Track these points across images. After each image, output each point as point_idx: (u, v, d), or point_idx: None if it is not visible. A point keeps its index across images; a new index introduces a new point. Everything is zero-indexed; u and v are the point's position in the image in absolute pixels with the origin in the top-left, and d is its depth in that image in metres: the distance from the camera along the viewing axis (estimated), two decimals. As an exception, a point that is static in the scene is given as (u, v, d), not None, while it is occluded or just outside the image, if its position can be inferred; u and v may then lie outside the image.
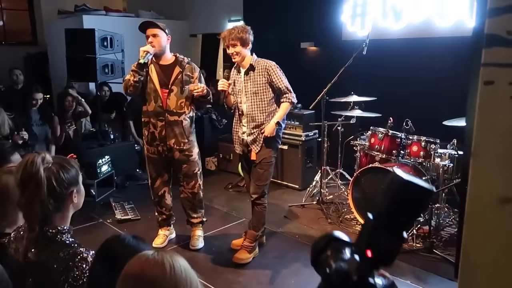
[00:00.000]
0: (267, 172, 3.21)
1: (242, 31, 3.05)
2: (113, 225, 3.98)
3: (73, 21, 6.39)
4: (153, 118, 3.30)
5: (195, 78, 3.30)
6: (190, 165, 3.41)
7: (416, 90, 4.62)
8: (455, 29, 4.46)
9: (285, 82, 3.13)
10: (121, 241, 1.34)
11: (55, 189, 1.45)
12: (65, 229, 1.55)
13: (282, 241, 3.66)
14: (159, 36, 3.20)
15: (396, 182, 0.77)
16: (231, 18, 7.04)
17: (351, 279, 0.78)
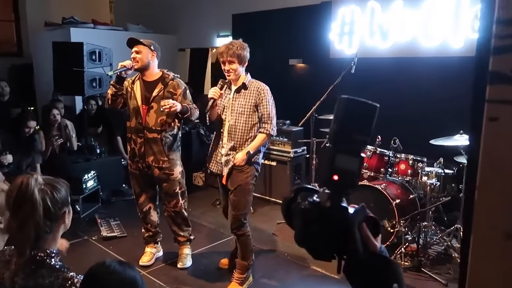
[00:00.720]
0: (243, 199, 2.97)
1: (241, 48, 2.91)
2: (99, 242, 3.90)
3: (61, 34, 6.33)
4: (134, 135, 3.28)
5: (178, 94, 3.22)
6: (171, 184, 3.34)
7: (403, 109, 4.70)
8: (440, 50, 4.57)
9: (270, 110, 2.96)
10: (107, 268, 1.31)
11: (50, 210, 1.43)
12: (54, 252, 1.51)
13: (271, 259, 3.63)
14: (141, 52, 3.19)
15: (341, 101, 0.85)
16: (219, 34, 7.08)
17: (325, 206, 0.83)
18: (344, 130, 0.84)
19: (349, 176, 0.84)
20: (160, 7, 7.87)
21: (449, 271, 3.32)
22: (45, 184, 1.45)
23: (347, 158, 0.84)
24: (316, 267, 3.49)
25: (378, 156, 3.89)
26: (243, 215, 3.02)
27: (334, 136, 0.86)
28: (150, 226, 3.53)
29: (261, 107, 2.95)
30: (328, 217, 0.82)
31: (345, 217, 0.83)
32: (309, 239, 0.85)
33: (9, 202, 1.42)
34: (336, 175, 0.83)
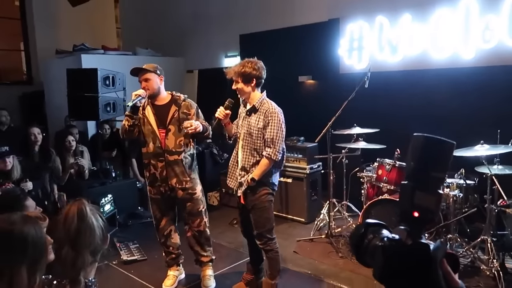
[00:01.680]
0: (261, 218, 2.97)
1: (244, 65, 2.87)
2: (119, 266, 3.86)
3: (72, 60, 6.43)
4: (153, 159, 3.27)
5: (192, 114, 3.25)
6: (194, 203, 3.35)
7: (420, 121, 4.69)
8: (451, 61, 4.59)
9: (275, 135, 2.87)
10: None
11: (104, 234, 1.43)
12: (92, 281, 1.50)
13: (295, 278, 3.58)
14: (151, 80, 3.20)
15: (418, 139, 0.88)
16: (227, 54, 7.17)
17: (406, 243, 0.84)
18: (422, 167, 0.87)
19: (428, 213, 0.87)
20: (167, 30, 7.99)
21: (479, 284, 3.26)
22: (93, 209, 1.46)
23: (426, 195, 0.86)
24: (342, 285, 3.43)
25: (397, 169, 3.88)
26: (267, 231, 3.02)
27: (412, 174, 0.89)
28: (172, 248, 3.50)
29: (267, 129, 2.90)
30: (411, 255, 0.83)
31: (428, 254, 0.83)
32: (392, 277, 0.86)
33: (68, 231, 1.42)
34: (417, 212, 0.86)
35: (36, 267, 1.40)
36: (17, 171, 3.93)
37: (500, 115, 4.10)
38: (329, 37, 5.64)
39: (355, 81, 4.27)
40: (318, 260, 3.89)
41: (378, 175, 4.01)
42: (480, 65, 4.40)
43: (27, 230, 1.38)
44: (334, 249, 4.05)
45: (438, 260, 0.83)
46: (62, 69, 5.39)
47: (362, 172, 4.34)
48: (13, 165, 3.92)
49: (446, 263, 0.85)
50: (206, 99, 7.59)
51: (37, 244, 1.38)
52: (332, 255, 3.96)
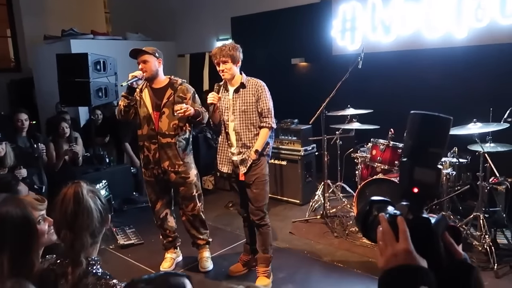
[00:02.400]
0: (262, 191, 3.11)
1: (233, 48, 3.01)
2: (117, 251, 3.87)
3: (61, 46, 6.33)
4: (147, 142, 3.28)
5: (188, 99, 3.25)
6: (188, 188, 3.35)
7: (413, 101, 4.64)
8: (444, 41, 4.59)
9: (270, 105, 3.07)
10: None
11: (102, 216, 1.43)
12: (95, 259, 1.50)
13: (292, 258, 3.62)
14: (149, 62, 3.19)
15: (415, 117, 0.90)
16: (219, 37, 7.10)
17: (408, 218, 0.86)
18: (420, 144, 0.89)
19: (428, 188, 0.88)
20: (157, 14, 7.87)
21: (472, 259, 3.32)
22: (91, 191, 1.45)
23: (425, 171, 0.87)
24: (338, 263, 3.48)
25: (391, 149, 3.90)
26: (264, 205, 3.14)
27: (410, 151, 0.90)
28: (169, 231, 3.52)
29: (260, 102, 3.05)
30: (412, 229, 0.84)
31: (429, 227, 0.85)
32: None
33: (65, 213, 1.41)
34: (416, 188, 0.87)
35: (23, 251, 1.37)
36: (10, 158, 3.89)
37: (492, 93, 4.14)
38: (322, 18, 5.61)
39: (348, 63, 4.26)
40: (314, 240, 3.94)
41: (372, 155, 4.03)
42: (473, 44, 4.41)
43: (5, 211, 1.33)
44: (329, 229, 4.09)
45: (439, 233, 0.85)
46: (51, 55, 5.30)
47: (356, 153, 4.36)
48: (6, 152, 3.88)
49: (448, 236, 0.87)
50: (198, 83, 7.56)
51: (20, 226, 1.34)
52: (327, 235, 4.01)
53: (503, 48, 4.11)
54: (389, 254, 0.83)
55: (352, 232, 3.99)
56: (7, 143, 3.95)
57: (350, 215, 4.25)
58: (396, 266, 0.81)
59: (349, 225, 4.10)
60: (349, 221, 4.17)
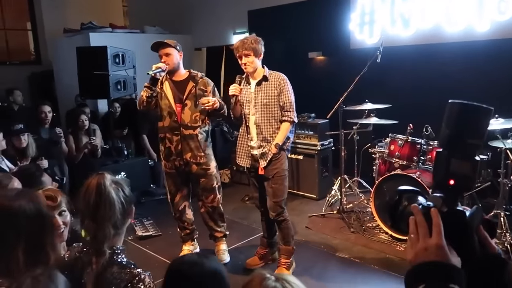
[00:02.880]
0: (281, 186, 3.10)
1: (255, 41, 3.02)
2: (135, 242, 3.94)
3: (80, 39, 6.41)
4: (169, 133, 3.33)
5: (208, 92, 3.31)
6: (208, 179, 3.40)
7: (433, 96, 4.63)
8: (465, 34, 4.50)
9: (291, 99, 3.06)
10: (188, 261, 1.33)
11: (124, 207, 1.45)
12: (120, 249, 1.54)
13: (308, 252, 3.63)
14: (171, 55, 3.25)
15: (454, 106, 0.88)
16: (236, 31, 7.08)
17: (442, 211, 0.83)
18: (458, 134, 0.86)
19: (464, 180, 0.86)
20: (175, 8, 7.90)
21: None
22: (115, 183, 1.48)
23: (462, 162, 0.85)
24: (354, 258, 3.48)
25: (410, 144, 3.86)
26: (282, 201, 3.12)
27: (447, 141, 0.87)
28: (187, 224, 3.56)
29: (282, 96, 3.05)
30: (446, 222, 0.82)
31: (463, 220, 0.83)
32: None
33: (88, 204, 1.44)
34: (452, 180, 0.85)
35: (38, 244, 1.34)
36: (32, 149, 3.98)
37: (515, 88, 4.05)
38: (340, 11, 5.55)
39: (366, 57, 4.22)
40: (331, 235, 3.94)
41: (390, 150, 4.00)
42: (495, 38, 4.31)
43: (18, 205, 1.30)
44: (346, 224, 4.09)
45: (474, 227, 0.83)
46: (70, 48, 5.37)
47: (373, 148, 4.33)
48: (28, 143, 3.97)
49: (482, 229, 0.85)
50: (215, 77, 7.57)
51: (33, 220, 1.32)
52: (344, 230, 4.01)
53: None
54: (420, 247, 0.81)
55: (369, 228, 3.98)
56: (30, 134, 4.04)
57: (367, 210, 4.23)
58: (426, 261, 0.79)
59: (366, 220, 4.09)
60: (366, 217, 4.15)
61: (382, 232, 3.84)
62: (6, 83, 6.90)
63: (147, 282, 1.45)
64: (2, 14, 8.37)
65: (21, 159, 3.93)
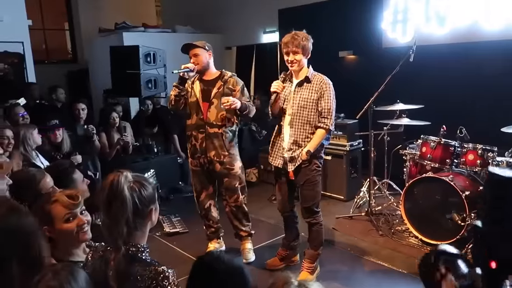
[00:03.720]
0: (312, 192, 3.01)
1: (306, 38, 2.89)
2: (163, 238, 4.01)
3: (114, 38, 6.58)
4: (195, 131, 3.36)
5: (236, 91, 3.29)
6: (231, 179, 3.39)
7: (468, 97, 4.49)
8: (505, 32, 4.31)
9: (331, 105, 2.91)
10: (217, 258, 1.34)
11: (138, 207, 1.47)
12: (144, 247, 1.56)
13: (335, 254, 3.58)
14: (199, 55, 3.27)
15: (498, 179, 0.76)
16: (266, 30, 7.08)
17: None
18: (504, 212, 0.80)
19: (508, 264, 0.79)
20: (206, 7, 7.97)
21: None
22: (134, 182, 1.49)
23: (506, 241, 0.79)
24: (382, 262, 3.40)
25: (443, 146, 3.73)
26: (314, 204, 3.07)
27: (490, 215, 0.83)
28: (212, 222, 3.59)
29: (322, 101, 2.91)
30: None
31: None
32: None
33: (102, 198, 1.47)
34: (495, 263, 0.79)
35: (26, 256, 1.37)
36: (67, 144, 4.12)
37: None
38: (372, 9, 5.43)
39: (398, 56, 4.11)
40: (358, 237, 3.87)
41: (422, 152, 3.88)
42: (537, 36, 4.10)
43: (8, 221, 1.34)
44: (374, 227, 4.00)
45: None
46: (105, 47, 5.51)
47: (404, 149, 4.21)
48: (63, 138, 4.11)
49: None
50: (245, 76, 7.59)
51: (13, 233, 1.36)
52: (372, 233, 3.93)
53: None
54: None
55: (398, 231, 3.88)
56: (64, 130, 4.18)
57: (397, 213, 4.13)
58: None
59: (395, 223, 3.99)
60: (395, 220, 4.05)
61: (412, 236, 3.74)
62: (45, 81, 7.18)
63: (172, 279, 1.46)
64: (42, 15, 8.71)
65: (56, 154, 4.07)
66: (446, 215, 3.46)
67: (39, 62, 7.55)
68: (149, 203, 1.54)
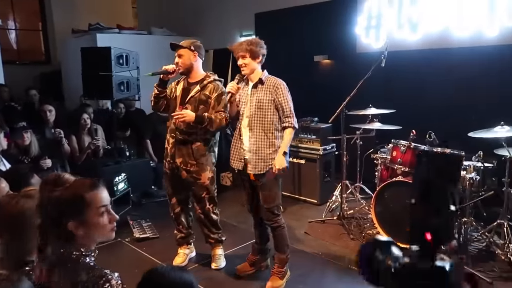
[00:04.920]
0: (272, 192, 3.01)
1: (252, 43, 2.96)
2: (132, 244, 3.92)
3: (88, 40, 6.45)
4: (169, 134, 3.30)
5: (212, 99, 3.16)
6: (197, 189, 3.31)
7: (438, 102, 4.57)
8: (474, 39, 4.40)
9: (290, 105, 2.98)
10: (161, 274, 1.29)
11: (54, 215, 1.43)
12: (89, 252, 1.50)
13: (305, 258, 3.56)
14: (183, 55, 3.19)
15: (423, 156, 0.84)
16: (242, 33, 7.06)
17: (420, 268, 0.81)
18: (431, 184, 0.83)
19: (443, 232, 0.84)
20: (182, 10, 7.91)
21: (494, 269, 3.17)
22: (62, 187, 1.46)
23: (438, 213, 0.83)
24: (352, 266, 3.40)
25: (412, 150, 3.76)
26: (275, 207, 3.04)
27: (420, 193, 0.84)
28: (182, 227, 3.52)
29: (279, 102, 2.97)
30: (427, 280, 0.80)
31: (445, 279, 0.80)
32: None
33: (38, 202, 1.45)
34: (429, 234, 0.83)
35: None
36: (35, 147, 3.99)
37: (523, 95, 3.94)
38: (346, 15, 5.48)
39: (372, 61, 4.14)
40: (329, 241, 3.87)
41: (393, 156, 3.91)
42: (504, 43, 4.20)
43: None
44: (346, 231, 4.01)
45: (457, 284, 0.80)
46: (78, 49, 5.39)
47: (376, 153, 4.25)
48: (31, 141, 3.98)
49: (465, 285, 0.82)
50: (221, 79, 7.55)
51: None
52: (343, 237, 3.93)
53: (536, 48, 3.90)
54: None
55: (369, 235, 3.90)
56: (32, 132, 4.06)
57: (368, 217, 4.15)
58: None
59: (366, 227, 4.01)
60: (366, 223, 4.07)
61: (383, 240, 3.76)
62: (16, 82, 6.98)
63: (114, 282, 1.41)
64: (14, 15, 8.49)
65: (24, 158, 3.94)
66: (415, 219, 3.49)
67: (10, 62, 7.35)
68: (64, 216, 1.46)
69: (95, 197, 1.47)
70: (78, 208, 1.44)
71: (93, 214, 1.46)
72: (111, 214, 1.51)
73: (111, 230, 1.53)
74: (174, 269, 1.32)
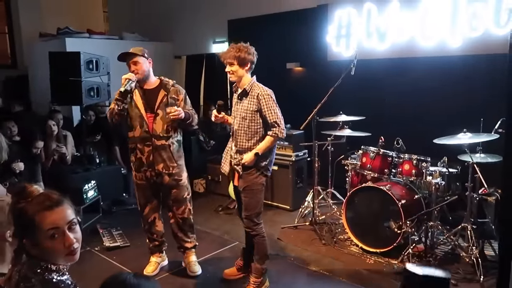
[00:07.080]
0: (252, 200, 3.00)
1: (240, 50, 2.90)
2: (101, 253, 3.83)
3: (56, 44, 6.30)
4: (140, 144, 3.23)
5: (180, 100, 3.23)
6: (180, 190, 3.32)
7: (405, 109, 4.71)
8: (438, 49, 4.57)
9: (274, 115, 2.91)
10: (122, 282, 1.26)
11: None
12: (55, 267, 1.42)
13: (277, 264, 3.57)
14: (140, 63, 3.16)
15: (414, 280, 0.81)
16: (215, 40, 7.07)
17: None
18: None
19: None
20: (155, 15, 7.85)
21: (458, 271, 3.29)
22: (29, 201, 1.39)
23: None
24: (323, 271, 3.44)
25: (381, 157, 3.87)
26: (254, 215, 3.04)
27: None
28: (156, 236, 3.48)
29: (263, 112, 2.93)
30: None
31: None
32: None
33: None
34: None
35: None
36: (5, 152, 3.86)
37: (483, 103, 4.11)
38: (318, 23, 5.58)
39: (342, 69, 4.22)
40: (302, 247, 3.90)
41: (363, 162, 4.00)
42: (467, 53, 4.38)
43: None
44: (318, 236, 4.06)
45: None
46: (46, 53, 5.26)
47: (347, 159, 4.33)
48: (1, 147, 3.86)
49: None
50: (194, 85, 7.52)
51: None
52: (315, 242, 3.98)
53: (496, 58, 4.08)
54: None
55: (340, 240, 3.96)
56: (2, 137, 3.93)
57: (339, 222, 4.22)
58: None
59: (337, 232, 4.07)
60: (338, 229, 4.14)
61: (353, 245, 3.83)
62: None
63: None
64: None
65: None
66: (384, 223, 3.58)
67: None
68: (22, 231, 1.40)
69: (45, 219, 1.32)
70: (28, 228, 1.34)
71: (43, 237, 1.32)
72: (66, 237, 1.34)
73: (68, 255, 1.36)
74: (138, 277, 1.29)
